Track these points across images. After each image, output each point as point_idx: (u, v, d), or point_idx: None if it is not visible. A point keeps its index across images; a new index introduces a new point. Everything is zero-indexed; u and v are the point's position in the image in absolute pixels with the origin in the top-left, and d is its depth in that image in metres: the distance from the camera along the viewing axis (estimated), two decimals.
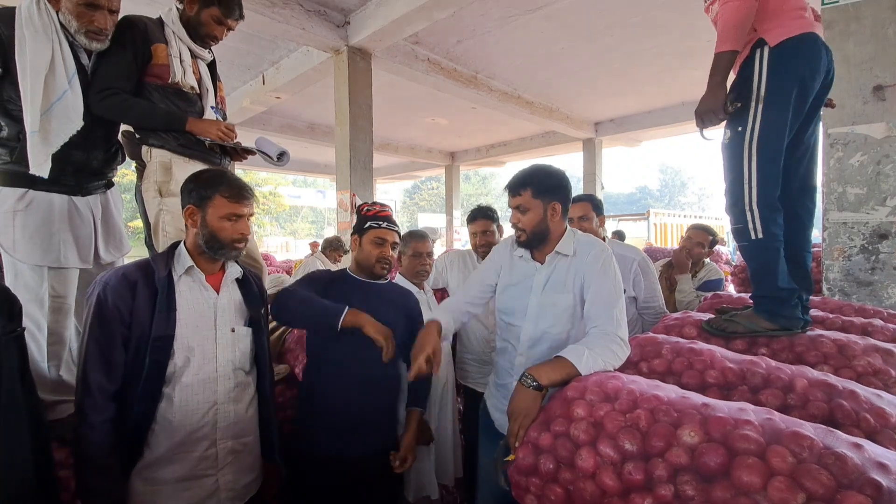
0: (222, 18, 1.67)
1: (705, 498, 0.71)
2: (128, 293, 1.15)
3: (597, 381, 0.99)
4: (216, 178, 1.27)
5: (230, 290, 1.32)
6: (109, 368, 1.13)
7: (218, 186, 1.24)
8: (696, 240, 2.63)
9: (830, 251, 1.93)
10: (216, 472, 1.24)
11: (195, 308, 1.23)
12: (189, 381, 1.20)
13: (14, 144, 1.41)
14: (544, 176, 1.37)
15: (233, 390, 1.28)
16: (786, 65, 1.29)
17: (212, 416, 1.23)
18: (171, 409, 1.18)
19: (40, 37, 1.36)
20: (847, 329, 1.46)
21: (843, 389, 0.98)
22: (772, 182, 1.32)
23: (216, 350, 1.25)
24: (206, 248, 1.25)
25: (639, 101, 7.15)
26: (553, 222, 1.37)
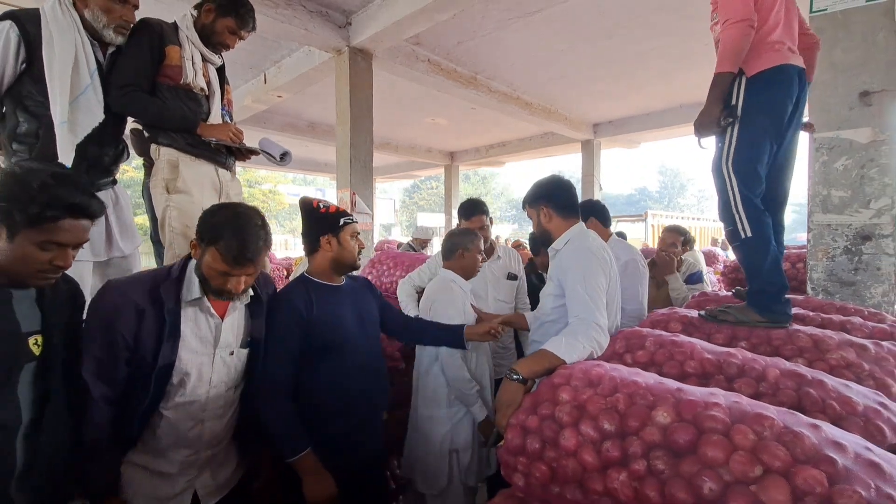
0: (236, 29, 1.74)
1: (675, 471, 0.78)
2: (134, 321, 1.14)
3: (582, 369, 1.05)
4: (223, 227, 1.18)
5: (235, 314, 1.31)
6: (111, 384, 1.14)
7: (219, 240, 1.16)
8: (670, 241, 2.89)
9: (815, 252, 1.99)
10: (192, 475, 1.28)
11: (196, 334, 1.23)
12: (182, 401, 1.22)
13: (32, 141, 1.47)
14: (533, 188, 1.65)
15: (220, 408, 1.30)
16: (759, 93, 1.48)
17: (197, 430, 1.26)
18: (161, 423, 1.21)
19: (66, 35, 1.44)
20: (826, 326, 1.53)
21: (812, 379, 1.04)
22: (752, 187, 1.48)
23: (212, 372, 1.26)
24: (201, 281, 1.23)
25: (637, 103, 7.22)
26: (550, 224, 1.58)
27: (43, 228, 0.91)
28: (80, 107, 1.47)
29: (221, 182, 1.76)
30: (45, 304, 1.01)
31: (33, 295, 1.00)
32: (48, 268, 0.95)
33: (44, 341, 0.99)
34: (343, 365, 1.50)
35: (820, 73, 1.94)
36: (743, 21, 1.45)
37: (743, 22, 1.45)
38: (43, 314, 1.00)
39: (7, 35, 1.39)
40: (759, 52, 1.49)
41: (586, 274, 1.38)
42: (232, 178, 1.85)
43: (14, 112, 1.45)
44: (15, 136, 1.46)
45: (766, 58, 1.48)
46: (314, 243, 1.54)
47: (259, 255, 1.19)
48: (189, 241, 1.64)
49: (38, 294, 1.01)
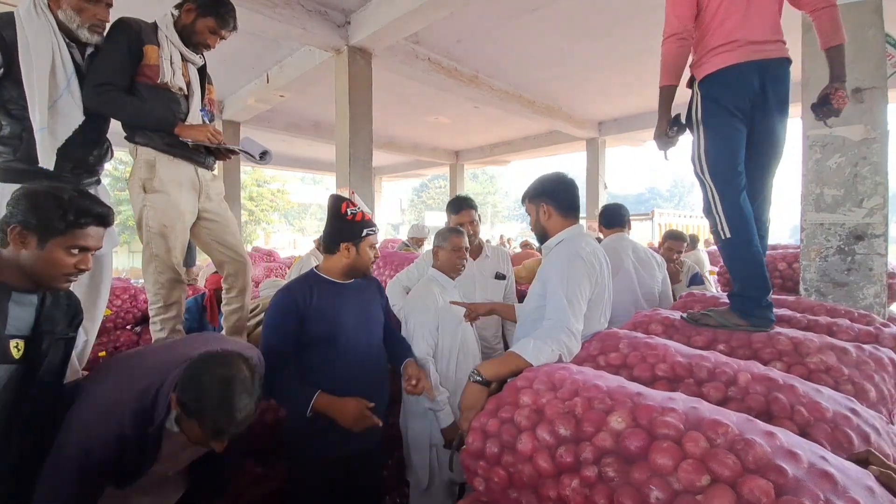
0: (216, 29, 1.74)
1: (625, 479, 0.76)
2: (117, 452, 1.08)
3: (546, 372, 1.04)
4: (207, 397, 1.06)
5: None
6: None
7: (203, 414, 1.06)
8: (676, 249, 3.15)
9: (807, 251, 1.95)
10: None
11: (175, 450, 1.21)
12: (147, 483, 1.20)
13: (16, 143, 1.49)
14: (535, 184, 1.62)
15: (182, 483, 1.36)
16: (710, 96, 1.53)
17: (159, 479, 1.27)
18: None
19: (41, 39, 1.45)
20: (812, 328, 1.49)
21: (784, 384, 1.02)
22: (730, 184, 1.48)
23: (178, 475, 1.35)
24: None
25: (643, 100, 7.13)
26: (548, 222, 1.56)
27: (73, 234, 1.04)
28: (59, 111, 1.48)
29: (201, 181, 1.76)
30: (43, 311, 1.07)
31: (35, 302, 1.06)
32: (73, 270, 1.07)
33: (27, 346, 1.02)
34: (337, 357, 1.54)
35: (813, 69, 1.90)
36: (672, 36, 1.54)
37: (672, 37, 1.54)
38: (37, 321, 1.05)
39: None
40: (704, 59, 1.55)
41: (570, 278, 1.35)
42: (213, 178, 1.85)
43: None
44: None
45: (710, 63, 1.53)
46: (334, 245, 1.59)
47: (243, 427, 1.10)
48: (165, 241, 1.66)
49: (40, 302, 1.07)
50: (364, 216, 1.61)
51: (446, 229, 2.07)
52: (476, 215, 2.32)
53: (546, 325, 1.27)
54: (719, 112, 1.51)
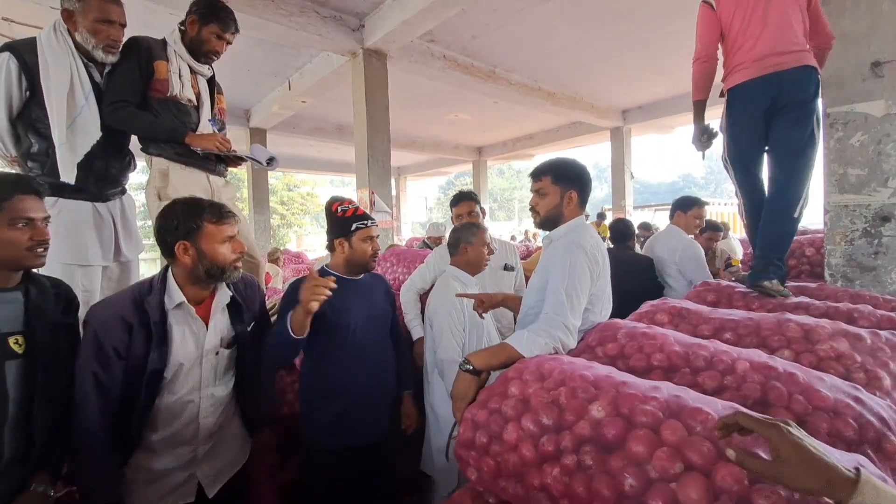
0: (220, 33, 1.82)
1: (603, 467, 0.76)
2: (125, 334, 1.19)
3: (536, 363, 1.04)
4: (195, 206, 1.27)
5: (218, 317, 1.35)
6: (106, 395, 1.18)
7: (202, 214, 1.24)
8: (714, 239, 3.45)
9: (832, 235, 1.85)
10: (192, 469, 1.33)
11: (185, 340, 1.28)
12: (174, 401, 1.28)
13: (44, 159, 1.61)
14: (565, 165, 1.49)
15: (212, 406, 1.35)
16: (732, 107, 1.86)
17: (193, 427, 1.31)
18: (158, 425, 1.27)
19: (60, 61, 1.56)
20: (830, 315, 1.43)
21: (783, 372, 0.98)
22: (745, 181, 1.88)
23: (200, 371, 1.31)
24: (205, 278, 1.27)
25: (667, 85, 6.91)
26: (568, 209, 1.47)
27: (3, 209, 1.04)
28: (78, 128, 1.59)
29: (213, 188, 1.86)
30: (30, 306, 1.10)
31: (20, 298, 1.10)
32: (31, 243, 1.08)
33: (26, 341, 1.08)
34: (344, 346, 1.59)
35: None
36: (697, 60, 1.90)
37: (697, 61, 1.90)
38: (27, 315, 1.09)
39: (7, 65, 1.53)
40: (728, 75, 1.86)
41: (572, 272, 1.32)
42: (225, 184, 1.95)
43: (26, 134, 1.60)
44: (29, 155, 1.61)
45: (731, 78, 1.84)
46: (331, 244, 1.67)
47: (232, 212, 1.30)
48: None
49: (25, 296, 1.10)
50: (355, 212, 1.63)
51: (469, 224, 2.07)
52: (477, 208, 2.33)
53: (542, 318, 1.25)
54: (736, 123, 1.84)
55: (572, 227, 1.44)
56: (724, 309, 1.52)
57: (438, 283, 2.02)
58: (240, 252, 1.30)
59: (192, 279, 1.27)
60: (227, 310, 1.38)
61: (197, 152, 1.74)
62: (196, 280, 1.28)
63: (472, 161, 11.63)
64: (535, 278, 1.47)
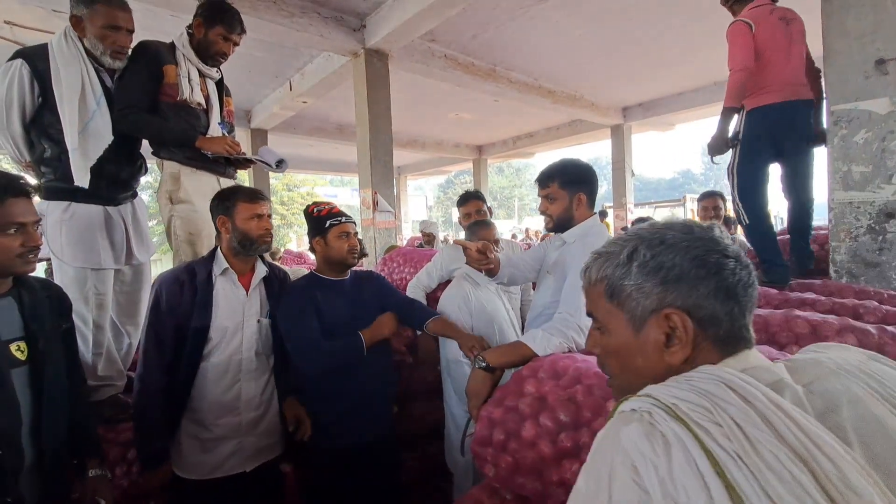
0: (227, 35, 1.83)
1: None
2: (177, 290, 1.41)
3: (551, 361, 1.06)
4: (234, 189, 1.53)
5: (257, 288, 1.56)
6: (162, 348, 1.39)
7: (237, 195, 1.49)
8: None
9: (836, 232, 1.87)
10: (240, 437, 1.47)
11: (229, 303, 1.47)
12: (218, 360, 1.44)
13: (56, 164, 1.63)
14: (571, 169, 1.49)
15: (253, 371, 1.51)
16: (748, 125, 2.08)
17: (236, 390, 1.48)
18: (206, 381, 1.44)
19: (71, 67, 1.57)
20: (836, 311, 1.44)
21: None
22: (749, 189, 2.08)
23: (243, 337, 1.49)
24: (240, 248, 1.47)
25: (668, 83, 6.92)
26: (578, 211, 1.48)
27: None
28: (90, 133, 1.61)
29: None
30: (25, 311, 1.09)
31: (14, 304, 1.08)
32: (23, 250, 1.04)
33: (28, 347, 1.07)
34: None
35: (834, 42, 1.82)
36: (742, 70, 1.98)
37: (742, 71, 1.98)
38: (24, 321, 1.08)
39: (19, 72, 1.54)
40: (754, 94, 2.04)
41: None
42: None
43: (40, 140, 1.62)
44: (42, 160, 1.63)
45: (756, 98, 2.03)
46: (311, 245, 1.68)
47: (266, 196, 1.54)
48: (193, 248, 1.79)
49: (19, 303, 1.09)
50: (330, 210, 1.65)
51: (479, 221, 2.08)
52: (484, 207, 2.34)
53: (557, 317, 1.27)
54: (751, 138, 2.05)
55: (587, 228, 1.46)
56: None
57: (452, 283, 2.02)
58: (266, 229, 1.49)
59: (233, 251, 1.48)
60: (263, 285, 1.57)
61: (207, 155, 1.76)
62: (235, 252, 1.48)
63: (473, 160, 11.64)
64: (550, 279, 1.48)
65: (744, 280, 0.56)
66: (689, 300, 0.56)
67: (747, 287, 0.57)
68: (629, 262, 0.60)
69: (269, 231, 1.52)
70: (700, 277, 0.56)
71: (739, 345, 0.56)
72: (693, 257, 0.56)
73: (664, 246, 0.58)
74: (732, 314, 0.55)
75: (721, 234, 0.59)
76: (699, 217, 3.05)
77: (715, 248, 0.57)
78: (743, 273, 0.56)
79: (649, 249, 0.59)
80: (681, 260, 0.57)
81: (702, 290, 0.55)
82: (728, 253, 0.57)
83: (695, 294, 0.55)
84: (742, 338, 0.56)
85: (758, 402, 0.45)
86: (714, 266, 0.56)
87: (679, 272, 0.56)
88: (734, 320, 0.55)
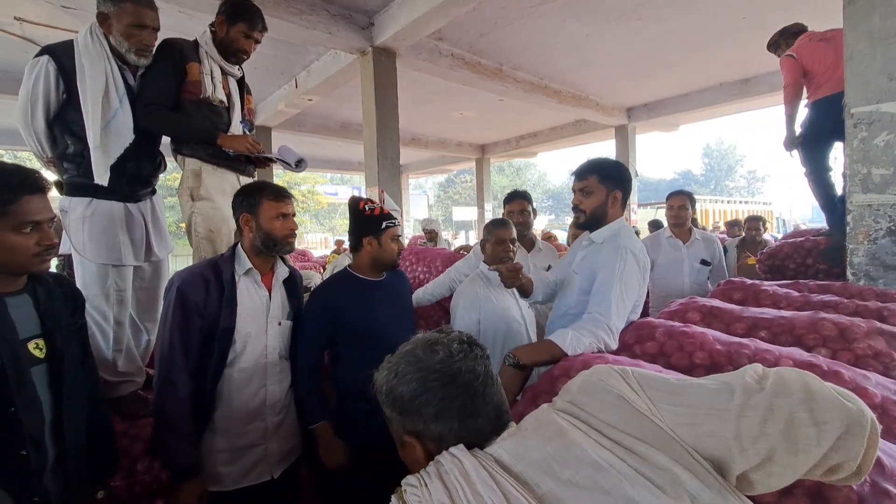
0: (249, 32, 1.83)
1: None
2: (203, 290, 1.35)
3: (583, 361, 1.06)
4: (259, 186, 1.46)
5: (279, 289, 1.52)
6: (188, 351, 1.33)
7: (262, 192, 1.43)
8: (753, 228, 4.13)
9: (855, 234, 1.87)
10: (265, 442, 1.44)
11: (252, 305, 1.43)
12: (245, 365, 1.41)
13: (79, 160, 1.62)
14: (612, 164, 1.50)
15: (278, 374, 1.49)
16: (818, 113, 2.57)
17: (262, 395, 1.45)
18: (231, 387, 1.39)
19: (96, 64, 1.57)
20: (860, 313, 1.45)
21: (828, 370, 1.00)
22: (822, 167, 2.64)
23: (266, 340, 1.45)
24: (263, 248, 1.42)
25: (673, 83, 6.90)
26: (612, 209, 1.47)
27: (13, 213, 0.95)
28: (112, 130, 1.60)
29: None
30: (41, 308, 1.06)
31: (29, 301, 1.06)
32: (38, 249, 1.00)
33: (46, 344, 1.05)
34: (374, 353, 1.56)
35: (856, 43, 1.82)
36: (790, 85, 2.66)
37: (790, 86, 2.66)
38: (41, 319, 1.06)
39: (46, 69, 1.54)
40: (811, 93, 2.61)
41: (622, 278, 1.33)
42: None
43: (63, 136, 1.61)
44: (65, 156, 1.62)
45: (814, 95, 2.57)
46: (358, 242, 1.67)
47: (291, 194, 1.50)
48: (213, 245, 1.78)
49: (34, 299, 1.06)
50: (382, 210, 1.66)
51: (491, 222, 2.09)
52: (529, 207, 2.37)
53: (587, 317, 1.27)
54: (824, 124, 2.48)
55: (616, 229, 1.45)
56: (754, 307, 1.54)
57: (467, 279, 2.05)
58: (291, 229, 1.45)
59: (255, 250, 1.43)
60: (284, 285, 1.54)
61: (228, 153, 1.76)
62: (257, 251, 1.44)
63: (476, 159, 11.63)
64: (577, 279, 1.47)
65: (471, 386, 0.67)
66: (418, 426, 0.67)
67: (474, 398, 0.67)
68: (382, 395, 0.72)
69: (294, 231, 1.48)
70: (422, 405, 0.67)
71: (480, 437, 0.66)
72: (414, 388, 0.67)
73: (397, 378, 0.69)
74: (454, 429, 0.66)
75: (457, 348, 0.70)
76: (666, 216, 3.08)
77: (438, 368, 0.68)
78: (468, 377, 0.68)
79: (387, 383, 0.71)
80: (406, 390, 0.68)
81: (425, 415, 0.66)
82: (451, 368, 0.67)
83: (421, 420, 0.67)
84: (479, 432, 0.66)
85: None
86: (434, 389, 0.67)
87: (406, 404, 0.68)
88: (461, 431, 0.66)
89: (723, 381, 0.59)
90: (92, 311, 1.57)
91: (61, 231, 1.57)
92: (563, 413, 0.64)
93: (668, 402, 0.59)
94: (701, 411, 0.56)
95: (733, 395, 0.55)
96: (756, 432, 0.52)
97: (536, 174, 40.32)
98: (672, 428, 0.55)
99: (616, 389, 0.62)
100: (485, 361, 0.72)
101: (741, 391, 0.55)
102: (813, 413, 0.51)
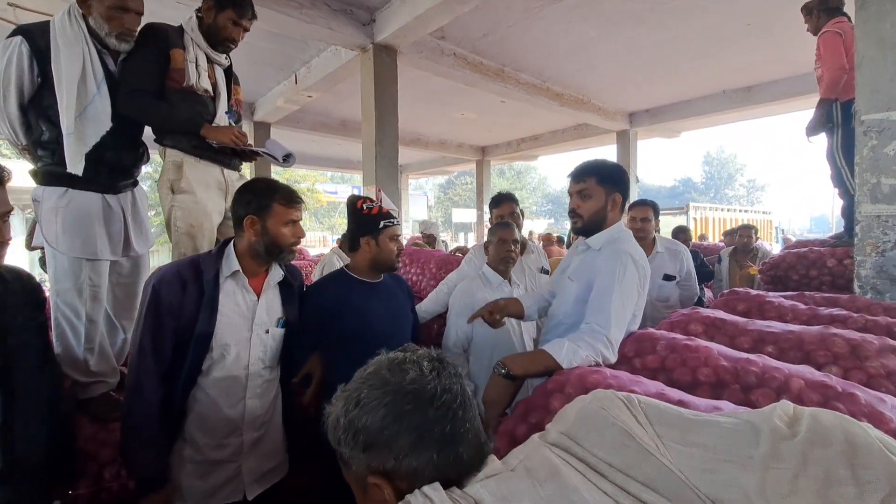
0: (237, 19, 1.76)
1: None
2: (180, 290, 1.23)
3: (579, 375, 0.99)
4: (272, 187, 1.33)
5: (270, 293, 1.40)
6: (160, 354, 1.22)
7: (274, 195, 1.31)
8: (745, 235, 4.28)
9: (863, 246, 1.81)
10: (239, 459, 1.32)
11: (235, 310, 1.31)
12: (221, 376, 1.29)
13: (54, 147, 1.54)
14: (610, 167, 1.42)
15: (260, 386, 1.37)
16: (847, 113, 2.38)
17: (240, 409, 1.32)
18: (205, 398, 1.28)
19: (73, 47, 1.49)
20: (869, 329, 1.38)
21: (843, 392, 0.93)
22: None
23: (249, 349, 1.33)
24: (263, 253, 1.32)
25: (676, 89, 6.85)
26: (611, 214, 1.40)
27: None
28: (88, 117, 1.52)
29: (227, 182, 1.79)
30: None
31: None
32: None
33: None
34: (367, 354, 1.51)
35: (867, 49, 1.76)
36: (839, 69, 2.42)
37: (839, 69, 2.42)
38: None
39: (19, 50, 1.46)
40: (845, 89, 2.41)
41: (622, 285, 1.26)
42: (239, 178, 1.88)
43: (38, 122, 1.53)
44: (40, 143, 1.54)
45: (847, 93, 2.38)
46: (355, 242, 1.61)
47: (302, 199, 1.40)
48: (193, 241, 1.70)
49: None
50: (381, 210, 1.60)
51: (495, 224, 2.09)
52: (517, 209, 2.32)
53: (584, 329, 1.19)
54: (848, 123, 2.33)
55: (614, 234, 1.38)
56: (759, 320, 1.47)
57: (467, 279, 2.04)
58: (298, 237, 1.36)
59: (252, 252, 1.32)
60: (278, 288, 1.43)
61: (212, 145, 1.68)
62: (255, 254, 1.33)
63: (476, 161, 11.57)
64: (573, 286, 1.39)
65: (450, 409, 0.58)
66: (387, 463, 0.56)
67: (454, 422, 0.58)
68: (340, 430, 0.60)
69: (300, 239, 1.38)
70: (394, 436, 0.56)
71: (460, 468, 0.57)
72: (383, 416, 0.57)
73: (359, 408, 0.58)
74: (433, 461, 0.56)
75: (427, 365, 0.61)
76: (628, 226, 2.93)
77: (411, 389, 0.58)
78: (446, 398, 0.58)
79: (346, 416, 0.59)
80: (372, 420, 0.57)
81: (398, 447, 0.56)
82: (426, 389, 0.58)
83: (391, 455, 0.56)
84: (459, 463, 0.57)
85: None
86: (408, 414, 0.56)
87: (374, 437, 0.57)
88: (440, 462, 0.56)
89: (746, 421, 0.51)
90: (63, 307, 1.50)
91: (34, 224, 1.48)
92: (557, 448, 0.56)
93: (680, 440, 0.52)
94: (719, 455, 0.48)
95: (759, 440, 0.48)
96: (785, 489, 0.44)
97: (537, 178, 40.30)
98: (683, 472, 0.48)
99: (619, 422, 0.55)
100: (459, 381, 0.63)
101: (768, 436, 0.48)
102: (855, 469, 0.44)
